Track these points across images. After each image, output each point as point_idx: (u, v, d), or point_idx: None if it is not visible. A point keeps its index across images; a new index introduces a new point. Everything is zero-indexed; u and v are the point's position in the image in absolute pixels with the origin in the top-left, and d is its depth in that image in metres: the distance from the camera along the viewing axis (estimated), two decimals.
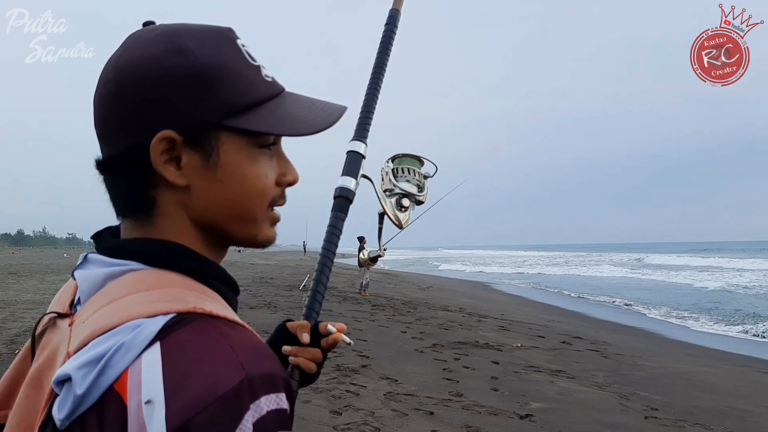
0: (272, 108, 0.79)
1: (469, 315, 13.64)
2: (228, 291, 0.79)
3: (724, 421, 5.92)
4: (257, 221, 0.81)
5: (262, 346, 0.69)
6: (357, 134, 1.17)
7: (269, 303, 13.85)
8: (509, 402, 6.17)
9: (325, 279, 1.10)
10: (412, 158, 1.54)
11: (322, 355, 1.02)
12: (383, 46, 1.25)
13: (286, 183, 0.84)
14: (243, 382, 0.62)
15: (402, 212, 1.44)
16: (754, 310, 17.65)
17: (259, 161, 0.79)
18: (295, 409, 0.72)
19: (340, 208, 1.13)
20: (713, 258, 54.05)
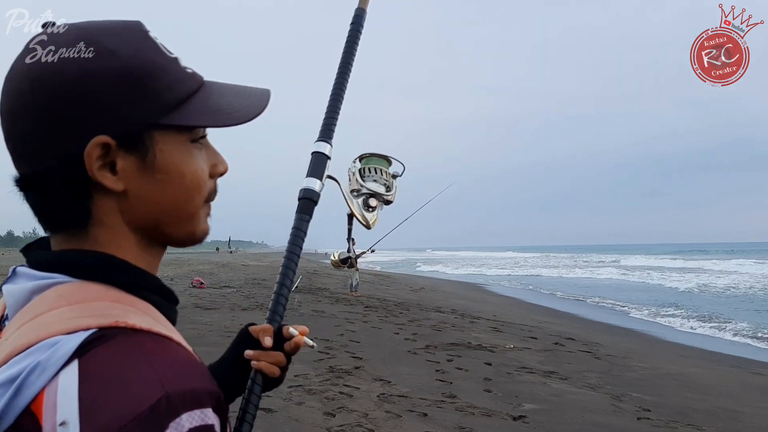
0: (202, 100, 0.77)
1: (462, 316, 13.65)
2: (163, 301, 0.77)
3: (716, 422, 5.95)
4: (196, 217, 0.80)
5: (187, 361, 0.67)
6: (322, 135, 1.15)
7: (262, 304, 13.80)
8: (502, 403, 6.17)
9: (289, 282, 1.08)
10: (380, 158, 1.52)
11: (286, 359, 1.00)
12: (348, 47, 1.23)
13: (218, 174, 0.83)
14: (162, 399, 0.60)
15: (369, 212, 1.41)
16: (714, 311, 18.00)
17: (194, 156, 0.78)
18: (228, 420, 0.69)
19: (305, 209, 1.12)
20: (695, 260, 54.33)
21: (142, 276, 0.76)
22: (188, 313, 11.76)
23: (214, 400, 0.65)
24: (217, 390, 0.66)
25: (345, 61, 1.22)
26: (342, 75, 1.21)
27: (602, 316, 17.15)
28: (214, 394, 0.65)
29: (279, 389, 6.09)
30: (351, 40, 1.24)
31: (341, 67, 1.21)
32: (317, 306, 14.10)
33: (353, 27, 1.25)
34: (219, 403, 0.66)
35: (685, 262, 52.24)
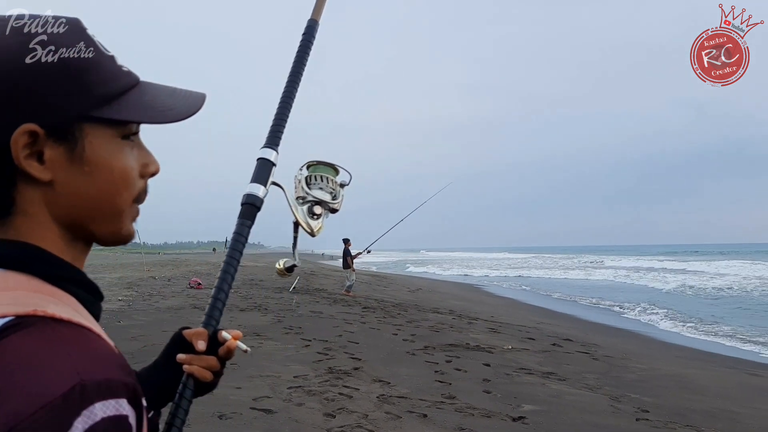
0: (136, 97, 0.78)
1: (460, 317, 13.66)
2: (87, 295, 0.77)
3: (715, 423, 5.97)
4: (122, 216, 0.80)
5: (106, 352, 0.67)
6: (268, 142, 1.16)
7: (259, 305, 13.80)
8: (501, 404, 6.18)
9: (227, 286, 1.07)
10: (327, 166, 1.53)
11: (220, 365, 0.99)
12: (299, 56, 1.25)
13: (149, 173, 0.83)
14: (75, 387, 0.60)
15: (314, 220, 1.42)
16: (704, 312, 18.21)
17: (124, 152, 0.77)
18: (144, 416, 0.69)
19: (247, 215, 1.11)
20: (684, 261, 54.54)
21: (66, 268, 0.75)
22: (186, 314, 11.76)
23: (130, 392, 0.65)
24: (133, 382, 0.66)
25: (295, 70, 1.23)
26: (291, 84, 1.22)
27: (598, 316, 17.19)
28: (130, 386, 0.65)
29: (279, 390, 6.11)
30: (302, 50, 1.25)
31: (291, 76, 1.22)
32: (315, 307, 14.09)
33: (305, 37, 1.27)
34: (135, 395, 0.66)
35: (675, 263, 52.25)
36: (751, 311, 18.64)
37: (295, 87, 1.22)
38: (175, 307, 12.92)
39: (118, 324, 10.32)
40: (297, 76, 1.23)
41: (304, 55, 1.25)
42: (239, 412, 5.29)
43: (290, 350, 8.46)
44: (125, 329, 9.64)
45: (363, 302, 15.96)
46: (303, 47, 1.26)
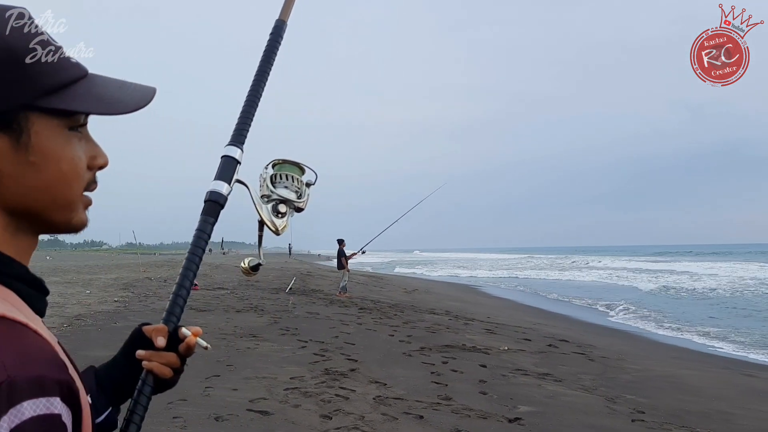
0: (85, 88, 0.77)
1: (456, 318, 13.67)
2: (30, 290, 0.75)
3: (710, 424, 6.00)
4: (73, 205, 0.78)
5: (39, 348, 0.66)
6: (233, 139, 1.15)
7: (256, 306, 13.79)
8: (498, 405, 6.19)
9: (188, 283, 1.05)
10: (293, 165, 1.53)
11: (180, 361, 0.98)
12: (266, 56, 1.25)
13: (98, 166, 0.82)
14: (3, 384, 0.59)
15: (279, 218, 1.42)
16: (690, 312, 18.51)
17: (72, 143, 0.76)
18: (82, 415, 0.68)
19: (210, 212, 1.10)
20: (674, 262, 54.91)
21: (4, 262, 0.73)
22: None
23: (64, 390, 0.64)
24: (68, 379, 0.65)
25: (262, 69, 1.23)
26: (258, 83, 1.22)
27: (593, 317, 17.24)
28: (64, 383, 0.64)
29: (275, 391, 6.11)
30: (269, 49, 1.26)
31: (257, 75, 1.23)
32: (311, 308, 14.09)
33: (272, 37, 1.27)
34: (70, 392, 0.65)
35: (664, 263, 52.53)
36: (728, 310, 19.12)
37: (261, 86, 1.22)
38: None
39: (114, 325, 10.31)
40: (263, 75, 1.23)
41: (271, 55, 1.25)
42: (236, 414, 5.30)
43: (286, 351, 8.46)
44: (121, 330, 9.62)
45: (359, 303, 15.96)
46: (270, 48, 1.26)
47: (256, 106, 1.21)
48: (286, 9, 1.32)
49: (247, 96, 1.22)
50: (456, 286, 30.74)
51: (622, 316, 17.94)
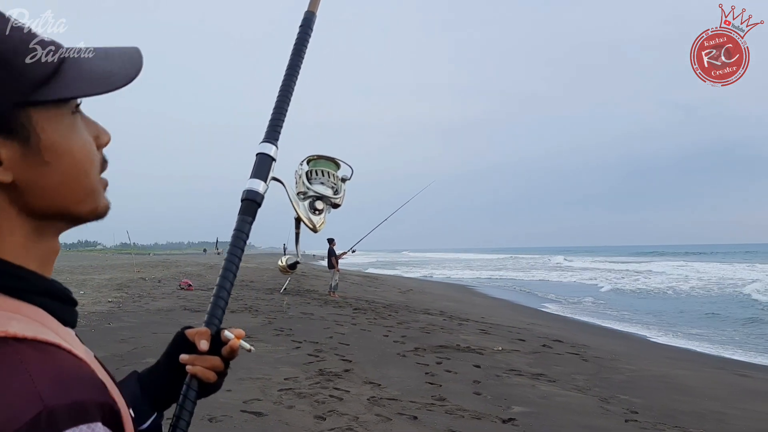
0: (74, 69, 0.71)
1: (450, 318, 13.68)
2: (57, 303, 0.72)
3: (703, 424, 6.02)
4: (96, 192, 0.75)
5: (73, 370, 0.62)
6: (267, 136, 1.14)
7: (250, 307, 13.77)
8: (492, 406, 6.20)
9: (229, 284, 1.04)
10: (328, 160, 1.50)
11: (224, 364, 0.96)
12: (297, 49, 1.23)
13: (103, 144, 0.78)
14: (41, 415, 0.55)
15: (316, 215, 1.39)
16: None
17: (77, 128, 0.73)
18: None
19: (247, 211, 1.08)
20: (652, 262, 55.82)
21: (27, 278, 0.69)
22: (177, 316, 11.71)
23: (105, 413, 0.61)
24: (108, 401, 0.62)
25: (293, 63, 1.21)
26: (290, 77, 1.20)
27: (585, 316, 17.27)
28: (105, 406, 0.61)
29: (269, 392, 6.10)
30: (299, 42, 1.23)
31: (289, 69, 1.20)
32: (306, 308, 14.08)
33: (302, 30, 1.25)
34: (112, 414, 0.62)
35: (640, 264, 53.08)
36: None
37: (294, 80, 1.20)
38: (165, 309, 12.85)
39: (108, 326, 10.26)
40: (295, 69, 1.21)
41: (302, 48, 1.23)
42: (229, 415, 5.28)
43: (281, 352, 8.45)
44: (115, 331, 9.59)
45: (354, 303, 15.95)
46: (300, 40, 1.24)
47: (289, 101, 1.19)
48: (314, 0, 1.29)
49: (279, 91, 1.19)
50: (451, 286, 30.75)
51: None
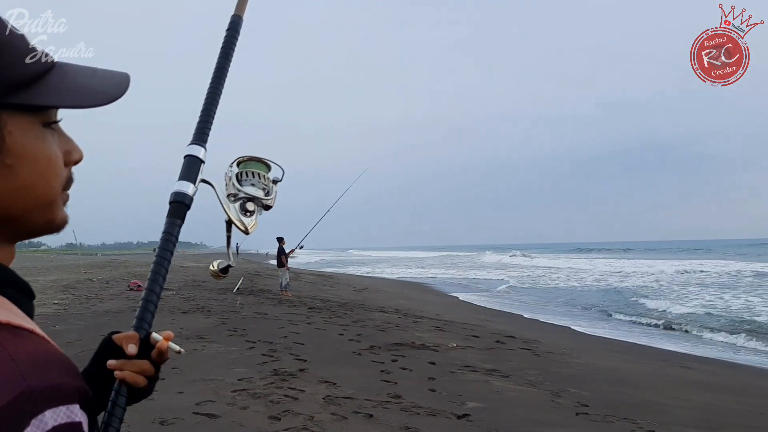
0: (56, 80, 0.72)
1: (405, 316, 13.75)
2: (19, 295, 0.73)
3: (647, 415, 6.21)
4: (54, 204, 0.75)
5: (51, 355, 0.64)
6: (196, 138, 1.13)
7: (202, 307, 13.55)
8: (446, 402, 6.26)
9: (158, 288, 1.01)
10: (258, 162, 1.50)
11: (154, 368, 0.94)
12: (224, 52, 1.24)
13: (74, 161, 0.78)
14: (22, 395, 0.57)
15: (247, 217, 1.39)
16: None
17: (47, 141, 0.72)
18: (93, 419, 0.66)
19: (176, 213, 1.07)
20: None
21: None
22: (126, 318, 11.43)
23: (82, 396, 0.62)
24: (84, 385, 0.63)
25: (220, 65, 1.22)
26: (217, 80, 1.20)
27: (539, 314, 17.63)
28: (81, 390, 0.63)
29: (222, 394, 6.02)
30: (226, 45, 1.24)
31: (216, 72, 1.21)
32: (260, 308, 13.94)
33: (229, 33, 1.26)
34: (87, 399, 0.63)
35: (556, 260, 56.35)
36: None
37: (221, 83, 1.20)
38: (113, 310, 12.53)
39: (53, 329, 9.95)
40: (222, 72, 1.21)
41: (229, 51, 1.24)
42: (181, 418, 5.20)
43: (234, 353, 8.35)
44: (61, 334, 9.31)
45: (308, 302, 15.87)
46: (227, 44, 1.24)
47: (217, 104, 1.19)
48: (241, 4, 1.30)
49: (207, 94, 1.19)
50: (406, 284, 30.89)
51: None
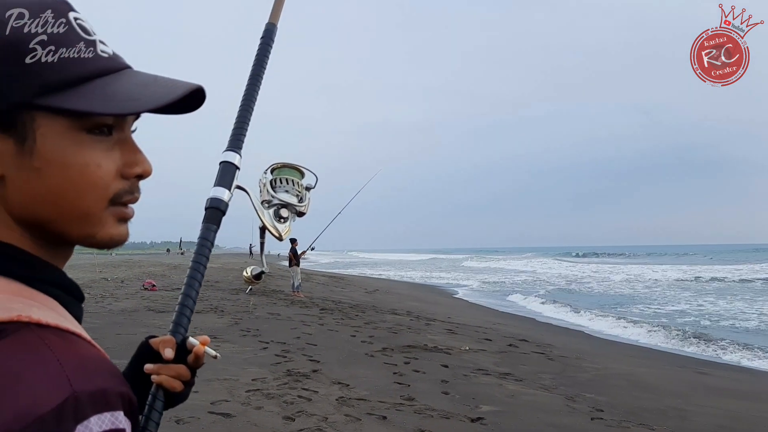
0: (101, 85, 0.69)
1: (417, 318, 13.72)
2: (68, 297, 0.71)
3: (666, 421, 6.15)
4: (93, 218, 0.71)
5: (98, 359, 0.63)
6: (231, 145, 1.13)
7: (216, 307, 13.59)
8: (460, 405, 6.23)
9: (194, 293, 1.01)
10: (292, 168, 1.49)
11: (190, 373, 0.93)
12: (258, 60, 1.25)
13: (134, 175, 0.73)
14: (69, 400, 0.56)
15: (281, 223, 1.38)
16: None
17: (88, 148, 0.69)
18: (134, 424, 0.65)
19: (212, 219, 1.07)
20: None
21: (43, 268, 0.69)
22: (141, 316, 11.50)
23: (126, 403, 0.61)
24: (129, 392, 0.62)
25: (255, 73, 1.23)
26: (252, 87, 1.21)
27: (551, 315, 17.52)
28: (126, 396, 0.61)
29: (237, 393, 6.03)
30: (261, 53, 1.25)
31: (251, 79, 1.22)
32: (273, 308, 13.96)
33: (263, 41, 1.27)
34: (131, 406, 0.62)
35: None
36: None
37: (256, 90, 1.21)
38: (129, 309, 12.60)
39: None
40: (257, 79, 1.22)
41: (264, 58, 1.25)
42: (197, 417, 5.20)
43: (248, 353, 8.36)
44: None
45: (320, 303, 15.88)
46: (262, 51, 1.25)
47: (252, 111, 1.19)
48: (275, 12, 1.31)
49: (242, 101, 1.20)
50: (417, 286, 30.86)
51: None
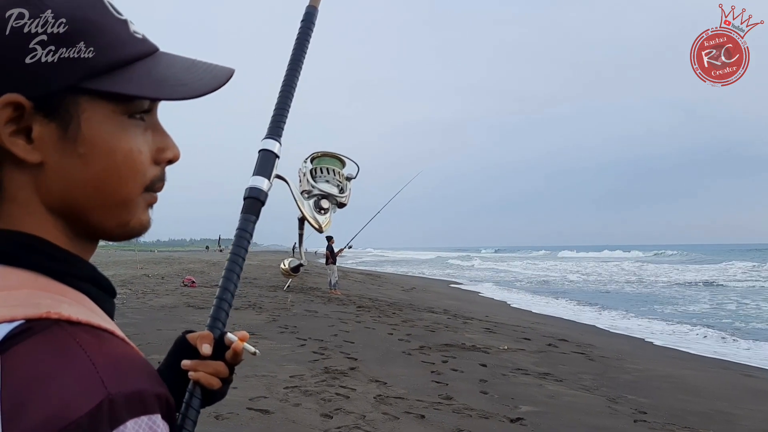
0: (144, 68, 0.67)
1: (454, 317, 13.65)
2: (99, 292, 0.68)
3: (712, 425, 5.98)
4: (130, 205, 0.69)
5: (133, 358, 0.60)
6: (270, 132, 1.09)
7: (254, 304, 13.74)
8: (499, 405, 6.16)
9: (233, 286, 0.97)
10: (333, 158, 1.44)
11: (228, 370, 0.90)
12: (299, 44, 1.20)
13: (165, 160, 0.72)
14: (103, 403, 0.53)
15: (322, 215, 1.33)
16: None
17: (130, 133, 0.67)
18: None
19: (251, 210, 1.03)
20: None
21: (74, 262, 0.67)
22: (180, 312, 11.70)
23: (164, 405, 0.58)
24: (166, 393, 0.60)
25: (295, 57, 1.18)
26: (292, 72, 1.16)
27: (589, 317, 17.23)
28: (163, 398, 0.59)
29: (275, 390, 6.07)
30: (301, 37, 1.20)
31: (291, 64, 1.17)
32: (310, 306, 14.05)
33: (304, 24, 1.22)
34: (168, 407, 0.59)
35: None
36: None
37: (296, 76, 1.17)
38: (169, 306, 12.84)
39: None
40: (297, 64, 1.17)
41: (304, 43, 1.20)
42: (236, 413, 5.25)
43: (285, 350, 8.42)
44: (119, 328, 9.56)
45: (357, 301, 15.92)
46: (302, 35, 1.21)
47: (292, 97, 1.15)
48: None
49: (282, 87, 1.16)
50: (451, 284, 30.72)
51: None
